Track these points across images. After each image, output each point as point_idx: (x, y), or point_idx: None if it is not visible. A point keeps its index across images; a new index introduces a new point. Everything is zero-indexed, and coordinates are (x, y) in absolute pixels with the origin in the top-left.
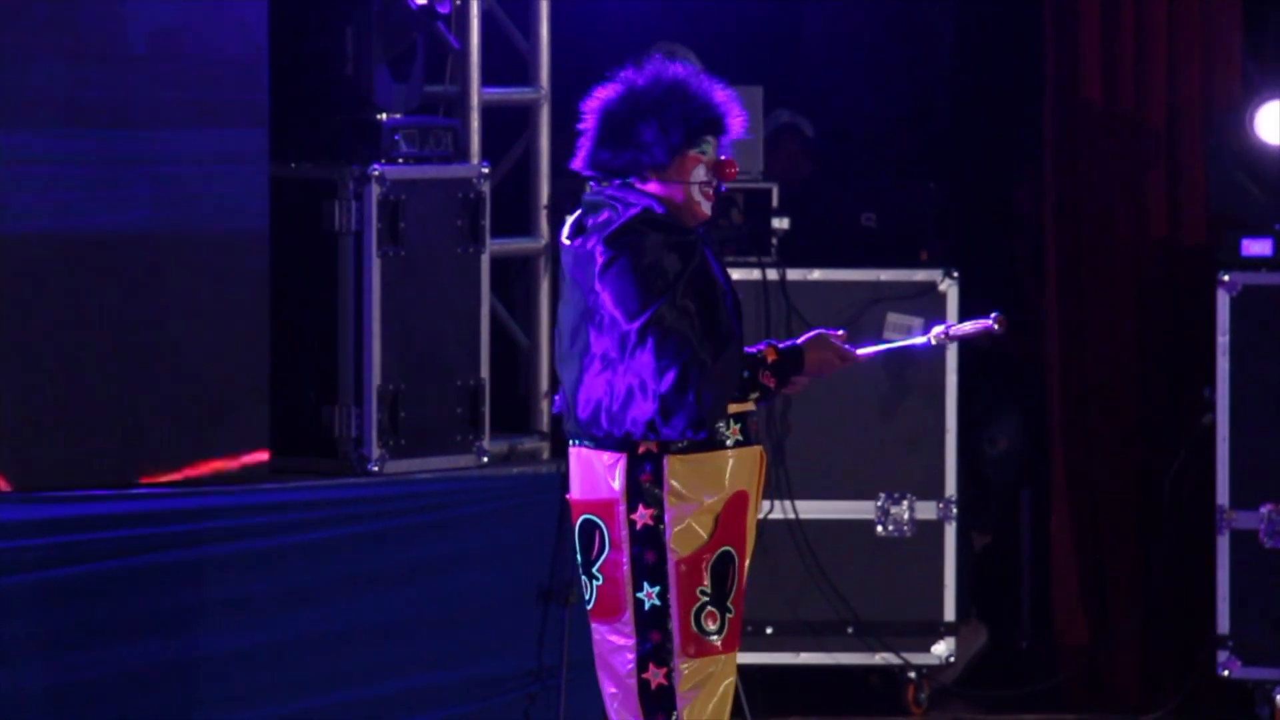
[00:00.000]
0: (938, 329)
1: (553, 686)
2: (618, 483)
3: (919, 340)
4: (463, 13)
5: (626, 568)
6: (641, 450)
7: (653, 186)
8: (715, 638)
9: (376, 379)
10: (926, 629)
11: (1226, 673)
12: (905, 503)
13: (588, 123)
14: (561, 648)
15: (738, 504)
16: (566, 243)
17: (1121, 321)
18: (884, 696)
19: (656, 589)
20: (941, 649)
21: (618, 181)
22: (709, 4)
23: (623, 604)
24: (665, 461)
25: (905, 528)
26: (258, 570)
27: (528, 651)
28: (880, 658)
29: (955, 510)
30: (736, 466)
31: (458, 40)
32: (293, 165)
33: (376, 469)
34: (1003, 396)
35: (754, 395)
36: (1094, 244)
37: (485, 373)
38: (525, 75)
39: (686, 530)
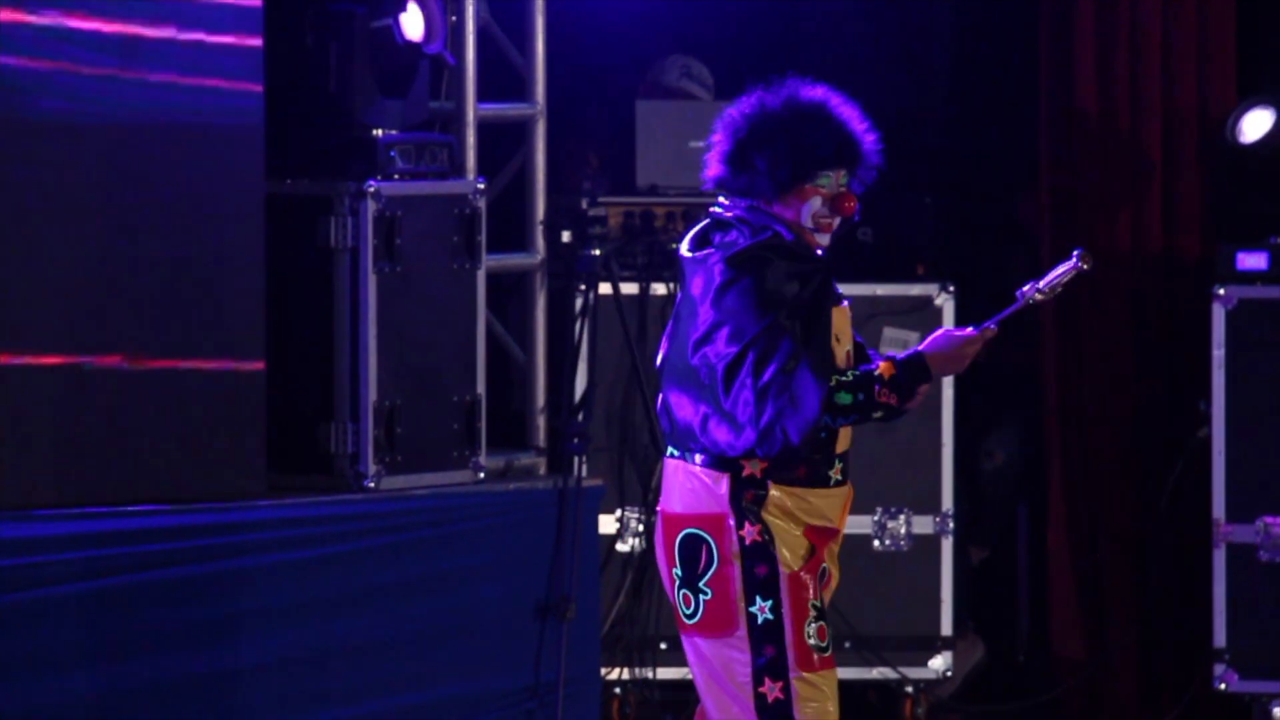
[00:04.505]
0: (1025, 288)
1: (550, 702)
2: (724, 498)
3: (1017, 306)
4: (458, 29)
5: (738, 582)
6: (745, 474)
7: (776, 209)
8: (826, 653)
9: (373, 395)
10: (924, 643)
11: (1224, 686)
12: (902, 517)
13: (717, 137)
14: (559, 663)
15: (825, 532)
16: (686, 254)
17: (1117, 335)
18: (882, 711)
19: (769, 603)
20: (939, 663)
21: (746, 202)
22: (704, 19)
23: (735, 619)
24: (769, 487)
25: (902, 542)
26: (251, 587)
27: (525, 667)
28: (878, 672)
29: (952, 524)
30: (830, 502)
31: (453, 56)
32: (288, 181)
33: (373, 485)
34: (999, 410)
35: (877, 415)
36: (1090, 257)
37: (481, 388)
38: (521, 91)
39: (794, 545)
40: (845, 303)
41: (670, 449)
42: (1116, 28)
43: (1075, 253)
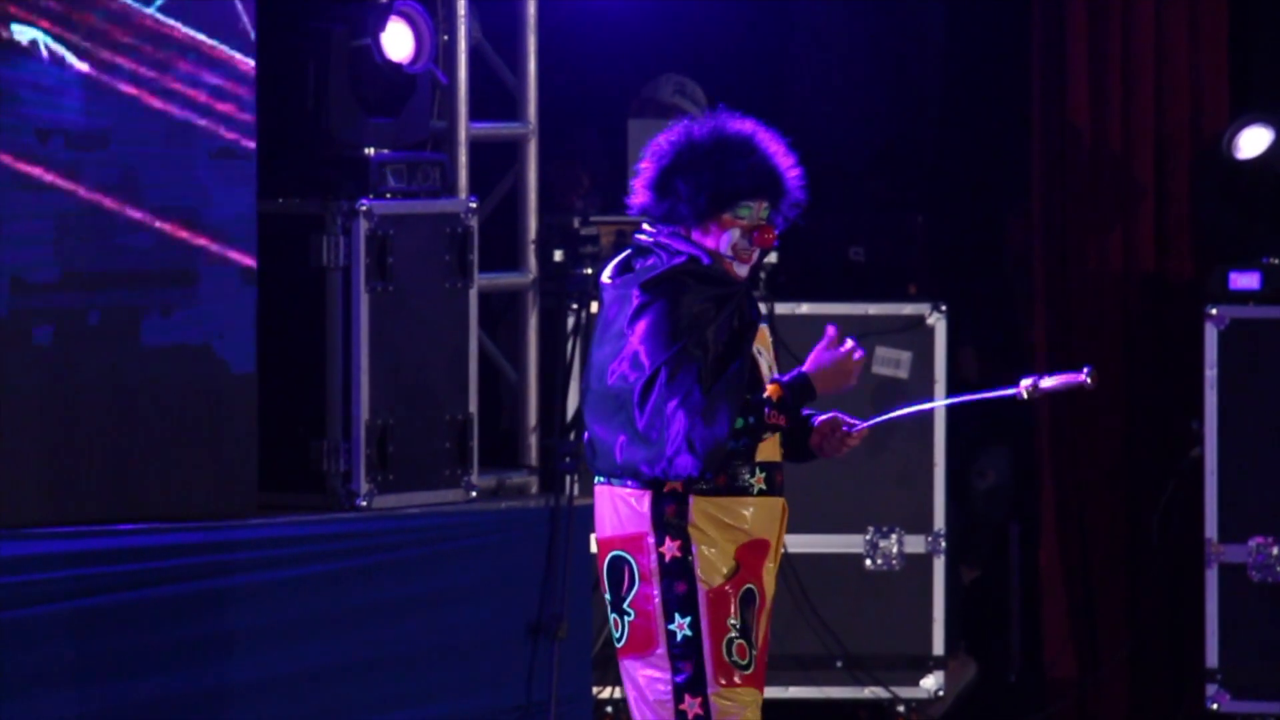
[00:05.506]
0: (1026, 381)
1: None
2: (645, 516)
3: (1007, 392)
4: (450, 49)
5: (658, 600)
6: (666, 489)
7: (696, 236)
8: (747, 670)
9: (365, 414)
10: (915, 663)
11: (1215, 706)
12: (894, 536)
13: (644, 164)
14: (550, 683)
15: (757, 549)
16: (607, 281)
17: (1110, 354)
18: None
19: (688, 619)
20: (930, 683)
21: (668, 229)
22: (695, 40)
23: (655, 638)
24: (690, 500)
25: (894, 561)
26: (243, 606)
27: (517, 686)
28: (869, 692)
29: (944, 544)
30: (757, 514)
31: (445, 75)
32: (280, 200)
33: (365, 504)
34: (991, 430)
35: (766, 435)
36: (1082, 277)
37: (474, 407)
38: (513, 110)
39: (714, 561)
40: (764, 324)
41: (597, 476)
42: (1109, 48)
43: (1085, 369)
